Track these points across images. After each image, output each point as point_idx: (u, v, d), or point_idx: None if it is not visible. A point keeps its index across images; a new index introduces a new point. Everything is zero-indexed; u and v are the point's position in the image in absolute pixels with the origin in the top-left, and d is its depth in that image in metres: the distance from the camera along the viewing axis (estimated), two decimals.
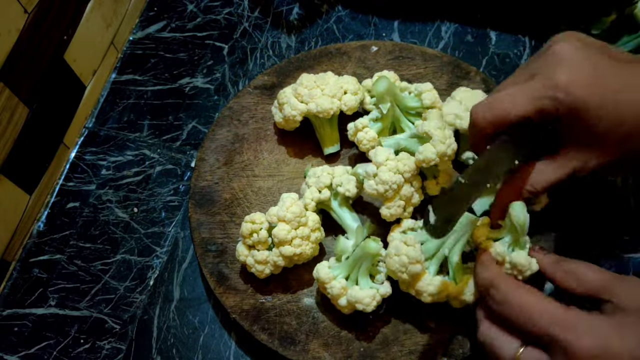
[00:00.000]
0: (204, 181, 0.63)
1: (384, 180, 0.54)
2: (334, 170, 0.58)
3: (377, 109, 0.61)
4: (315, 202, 0.57)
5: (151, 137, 0.70)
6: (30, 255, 0.64)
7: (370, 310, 0.52)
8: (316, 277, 0.54)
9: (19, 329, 0.60)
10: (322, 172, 0.58)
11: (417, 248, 0.51)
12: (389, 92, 0.58)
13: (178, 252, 0.63)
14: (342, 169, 0.58)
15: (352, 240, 0.56)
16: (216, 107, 0.72)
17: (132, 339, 0.59)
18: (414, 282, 0.52)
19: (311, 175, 0.59)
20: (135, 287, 0.62)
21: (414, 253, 0.50)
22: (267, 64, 0.74)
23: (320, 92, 0.61)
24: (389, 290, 0.53)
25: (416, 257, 0.50)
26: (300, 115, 0.61)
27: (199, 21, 0.78)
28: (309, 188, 0.58)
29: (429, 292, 0.51)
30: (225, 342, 0.59)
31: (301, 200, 0.57)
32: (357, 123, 0.60)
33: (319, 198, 0.57)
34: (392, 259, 0.51)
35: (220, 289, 0.57)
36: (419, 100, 0.60)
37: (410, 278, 0.51)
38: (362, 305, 0.52)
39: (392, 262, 0.51)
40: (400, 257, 0.51)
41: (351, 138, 0.61)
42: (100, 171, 0.68)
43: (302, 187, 0.60)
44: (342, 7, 0.78)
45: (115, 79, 0.74)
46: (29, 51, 0.60)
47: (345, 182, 0.57)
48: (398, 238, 0.52)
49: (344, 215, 0.58)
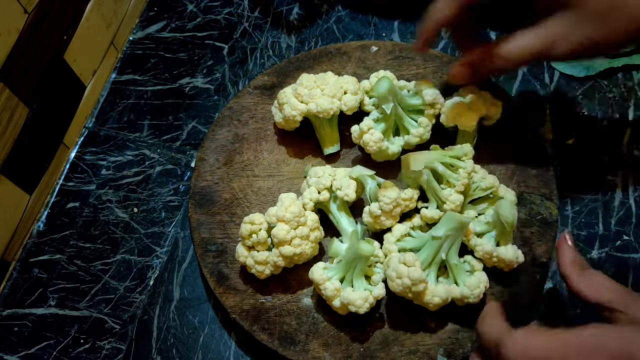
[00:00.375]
0: (204, 181, 0.63)
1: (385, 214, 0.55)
2: (335, 172, 0.58)
3: (377, 110, 0.61)
4: (313, 203, 0.57)
5: (151, 137, 0.70)
6: (30, 255, 0.64)
7: (363, 312, 0.52)
8: (311, 277, 0.54)
9: (18, 329, 0.60)
10: (323, 173, 0.58)
11: (417, 267, 0.50)
12: (391, 92, 0.58)
13: (178, 252, 0.63)
14: (343, 172, 0.58)
15: (345, 244, 0.56)
16: (216, 107, 0.72)
17: (132, 339, 0.59)
18: (420, 297, 0.51)
19: (312, 175, 0.58)
20: (135, 287, 0.62)
21: (416, 274, 0.49)
22: (267, 64, 0.74)
23: (320, 92, 0.61)
24: (382, 292, 0.53)
25: (418, 278, 0.50)
26: (300, 116, 0.61)
27: (199, 21, 0.78)
28: (309, 188, 0.58)
29: (434, 304, 0.51)
30: (225, 342, 0.59)
31: (300, 199, 0.57)
32: (362, 125, 0.59)
33: (318, 199, 0.57)
34: (395, 282, 0.51)
35: (220, 289, 0.57)
36: (420, 98, 0.60)
37: (415, 295, 0.51)
38: (354, 307, 0.52)
39: (395, 286, 0.51)
40: (403, 280, 0.50)
41: (356, 141, 0.61)
42: (100, 171, 0.68)
43: (303, 185, 0.60)
44: (342, 7, 0.78)
45: (115, 79, 0.74)
46: (29, 51, 0.60)
47: (345, 187, 0.56)
48: (396, 259, 0.51)
49: (340, 218, 0.58)
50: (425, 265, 0.52)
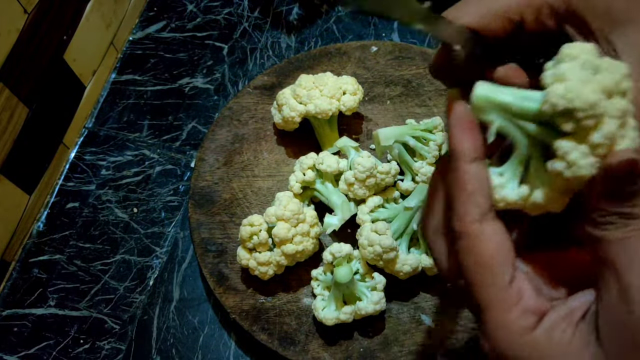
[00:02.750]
0: (203, 181, 0.63)
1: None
2: (319, 155, 0.59)
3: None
4: (300, 184, 0.58)
5: (151, 137, 0.70)
6: (30, 255, 0.64)
7: (350, 321, 0.53)
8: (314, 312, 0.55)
9: (18, 329, 0.60)
10: (306, 158, 0.59)
11: (388, 235, 0.52)
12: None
13: (178, 252, 0.63)
14: (325, 152, 0.59)
15: (338, 216, 0.57)
16: (216, 107, 0.72)
17: (131, 339, 0.59)
18: (391, 265, 0.53)
19: (297, 164, 0.60)
20: (135, 287, 0.62)
21: (387, 241, 0.51)
22: (267, 64, 0.74)
23: (319, 93, 0.61)
24: (371, 309, 0.53)
25: (389, 245, 0.51)
26: (299, 117, 0.61)
27: (199, 21, 0.78)
28: (294, 173, 0.59)
29: (404, 272, 0.53)
30: (225, 342, 0.59)
31: (287, 184, 0.59)
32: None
33: (303, 179, 0.58)
34: (366, 250, 0.53)
35: (220, 289, 0.57)
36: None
37: (386, 263, 0.53)
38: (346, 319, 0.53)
39: (367, 253, 0.53)
40: (374, 247, 0.52)
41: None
42: (100, 171, 0.68)
43: (290, 177, 0.60)
44: (341, 7, 0.78)
45: (115, 79, 0.74)
46: (29, 51, 0.60)
47: (326, 159, 0.58)
48: (368, 227, 0.53)
49: (328, 193, 0.58)
50: (397, 235, 0.54)
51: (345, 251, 0.53)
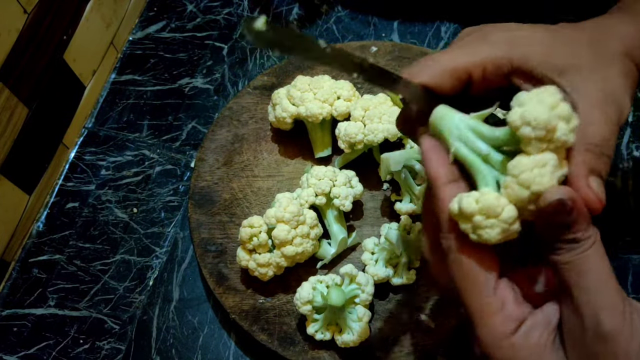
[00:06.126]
0: (203, 181, 0.63)
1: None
2: (336, 176, 0.58)
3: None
4: (309, 205, 0.57)
5: (151, 137, 0.70)
6: (30, 255, 0.64)
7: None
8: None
9: (18, 329, 0.60)
10: (324, 176, 0.58)
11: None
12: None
13: (177, 252, 0.63)
14: (344, 177, 0.58)
15: (333, 249, 0.57)
16: (216, 107, 0.72)
17: (131, 339, 0.59)
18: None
19: (313, 175, 0.58)
20: (134, 287, 0.62)
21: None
22: (266, 64, 0.74)
23: (312, 96, 0.61)
24: (349, 343, 0.52)
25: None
26: (290, 118, 0.61)
27: (199, 21, 0.78)
28: (308, 188, 0.58)
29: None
30: (225, 342, 0.59)
31: (296, 193, 0.58)
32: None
33: (314, 202, 0.57)
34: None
35: (220, 289, 0.57)
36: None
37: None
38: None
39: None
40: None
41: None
42: (99, 171, 0.68)
43: (302, 179, 0.60)
44: (341, 8, 0.78)
45: (114, 79, 0.74)
46: (29, 51, 0.60)
47: (343, 197, 0.57)
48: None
49: (333, 223, 0.58)
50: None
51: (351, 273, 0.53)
